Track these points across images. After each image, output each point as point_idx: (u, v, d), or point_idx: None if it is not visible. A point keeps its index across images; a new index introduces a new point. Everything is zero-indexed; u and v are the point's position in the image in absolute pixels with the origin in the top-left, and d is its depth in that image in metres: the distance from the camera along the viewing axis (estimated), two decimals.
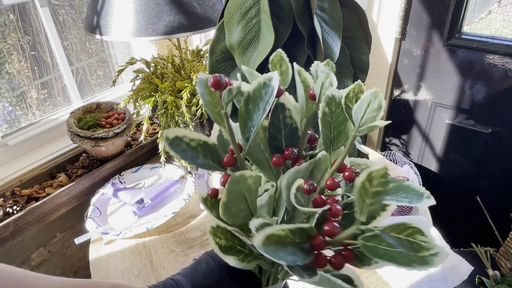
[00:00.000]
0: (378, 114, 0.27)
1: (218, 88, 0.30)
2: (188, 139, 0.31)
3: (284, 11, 0.47)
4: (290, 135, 0.34)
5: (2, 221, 0.93)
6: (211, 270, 0.40)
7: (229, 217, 0.31)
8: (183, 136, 0.31)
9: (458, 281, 0.78)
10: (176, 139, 0.30)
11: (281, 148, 0.34)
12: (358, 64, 0.55)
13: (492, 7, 1.63)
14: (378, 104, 0.27)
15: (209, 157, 0.32)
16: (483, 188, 1.46)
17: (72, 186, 1.05)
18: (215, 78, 0.29)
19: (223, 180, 0.33)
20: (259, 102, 0.31)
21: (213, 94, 0.30)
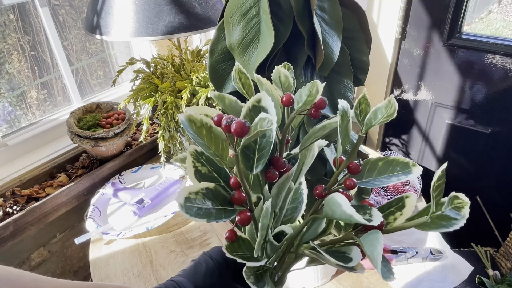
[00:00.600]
0: (392, 117, 0.30)
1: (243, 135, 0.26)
2: (194, 194, 0.29)
3: (284, 11, 0.47)
4: None
5: (2, 221, 0.93)
6: (211, 270, 0.40)
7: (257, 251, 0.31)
8: (189, 194, 0.29)
9: (458, 281, 0.78)
10: (187, 201, 0.29)
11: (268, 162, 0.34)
12: (358, 64, 0.55)
13: (492, 7, 1.63)
14: (394, 109, 0.30)
15: (216, 202, 0.31)
16: (483, 188, 1.46)
17: (72, 186, 1.05)
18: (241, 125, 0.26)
19: (241, 218, 0.31)
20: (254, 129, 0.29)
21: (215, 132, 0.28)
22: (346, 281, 0.79)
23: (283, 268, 0.38)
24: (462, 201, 0.28)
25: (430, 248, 0.82)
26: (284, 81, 0.35)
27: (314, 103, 0.33)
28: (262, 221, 0.30)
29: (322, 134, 0.36)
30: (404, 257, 0.81)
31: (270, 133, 0.29)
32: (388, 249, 0.83)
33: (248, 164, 0.30)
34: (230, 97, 0.34)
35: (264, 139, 0.29)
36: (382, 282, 0.79)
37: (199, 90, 0.94)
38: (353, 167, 0.32)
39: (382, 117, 0.31)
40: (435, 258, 0.80)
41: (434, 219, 0.29)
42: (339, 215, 0.28)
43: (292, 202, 0.37)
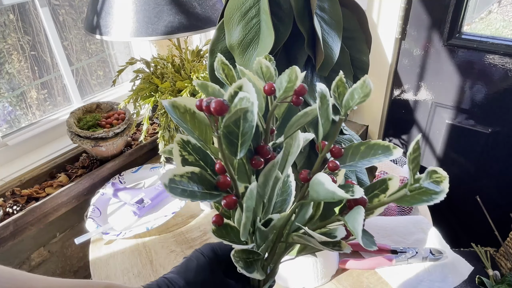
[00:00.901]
0: (368, 97, 0.31)
1: (222, 114, 0.27)
2: (178, 176, 0.30)
3: (284, 11, 0.47)
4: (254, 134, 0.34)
5: (2, 221, 0.93)
6: (203, 266, 0.41)
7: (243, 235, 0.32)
8: (173, 175, 0.30)
9: (458, 281, 0.78)
10: (171, 182, 0.29)
11: (250, 149, 0.34)
12: (358, 64, 0.55)
13: (492, 7, 1.63)
14: (369, 89, 0.30)
15: (201, 185, 0.31)
16: (483, 188, 1.46)
17: (72, 186, 1.05)
18: (220, 103, 0.26)
19: (227, 202, 0.32)
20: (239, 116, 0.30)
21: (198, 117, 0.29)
22: (346, 281, 0.79)
23: (275, 259, 0.38)
24: (440, 175, 0.29)
25: (430, 248, 0.82)
26: (266, 71, 0.36)
27: (294, 89, 0.33)
28: (246, 202, 0.30)
29: (305, 121, 0.37)
30: (404, 257, 0.81)
31: (252, 118, 0.30)
32: (388, 249, 0.83)
33: (232, 149, 0.31)
34: (214, 86, 0.35)
35: (247, 123, 0.30)
36: (382, 282, 0.79)
37: (199, 90, 0.94)
38: (336, 151, 0.34)
39: (359, 98, 0.31)
40: (435, 258, 0.80)
41: (415, 194, 0.30)
42: (323, 194, 0.29)
43: (281, 194, 0.37)
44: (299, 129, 0.35)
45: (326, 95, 0.32)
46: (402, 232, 0.89)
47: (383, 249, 0.83)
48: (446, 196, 0.30)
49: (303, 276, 0.76)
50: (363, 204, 0.32)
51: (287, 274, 0.77)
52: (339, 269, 0.81)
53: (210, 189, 0.32)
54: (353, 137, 0.60)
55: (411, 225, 0.90)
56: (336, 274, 0.81)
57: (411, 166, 0.30)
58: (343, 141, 0.58)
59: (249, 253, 0.35)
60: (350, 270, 0.81)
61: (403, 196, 0.31)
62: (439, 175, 0.29)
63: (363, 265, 0.80)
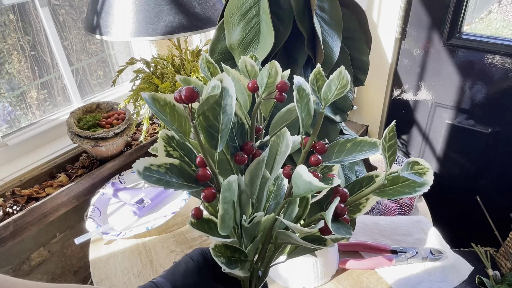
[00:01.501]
0: (346, 89, 0.30)
1: (193, 100, 0.28)
2: (156, 166, 0.30)
3: (284, 11, 0.47)
4: (240, 132, 0.35)
5: (2, 221, 0.93)
6: (191, 270, 0.40)
7: (225, 228, 0.31)
8: (150, 164, 0.30)
9: (458, 281, 0.78)
10: (147, 170, 0.30)
11: (236, 146, 0.35)
12: (358, 64, 0.55)
13: (492, 7, 1.63)
14: (346, 80, 0.30)
15: (181, 178, 0.32)
16: (483, 188, 1.46)
17: (72, 186, 1.05)
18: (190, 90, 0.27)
19: (206, 195, 0.32)
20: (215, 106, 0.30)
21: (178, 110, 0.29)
22: (346, 281, 0.79)
23: (265, 262, 0.38)
24: (423, 167, 0.29)
25: (430, 248, 0.82)
26: (251, 69, 0.36)
27: (276, 86, 0.33)
28: (223, 193, 0.30)
29: (289, 118, 0.37)
30: (404, 257, 0.81)
31: (231, 111, 0.30)
32: (388, 249, 0.83)
33: (212, 143, 0.31)
34: (196, 81, 0.35)
35: (226, 117, 0.30)
36: (382, 282, 0.79)
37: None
38: (319, 147, 0.34)
39: (336, 89, 0.31)
40: (435, 258, 0.80)
41: (398, 187, 0.30)
42: (302, 186, 0.29)
43: (274, 198, 0.37)
44: (285, 126, 0.35)
45: (304, 88, 0.32)
46: (402, 232, 0.89)
47: (383, 249, 0.83)
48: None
49: (303, 276, 0.76)
50: (344, 197, 0.32)
51: (287, 274, 0.77)
52: (339, 269, 0.81)
53: (189, 182, 0.32)
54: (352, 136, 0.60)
55: (411, 225, 0.90)
56: (336, 274, 0.81)
57: (387, 154, 0.30)
58: None
59: (234, 251, 0.35)
60: (350, 270, 0.81)
61: (384, 187, 0.31)
62: (421, 166, 0.29)
63: (363, 265, 0.80)
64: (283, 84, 0.33)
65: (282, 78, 0.34)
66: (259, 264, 0.38)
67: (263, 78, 0.33)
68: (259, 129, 0.38)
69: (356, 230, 0.89)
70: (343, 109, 0.53)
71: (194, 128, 0.30)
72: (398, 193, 0.30)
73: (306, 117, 0.32)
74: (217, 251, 0.33)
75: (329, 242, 0.34)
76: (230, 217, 0.31)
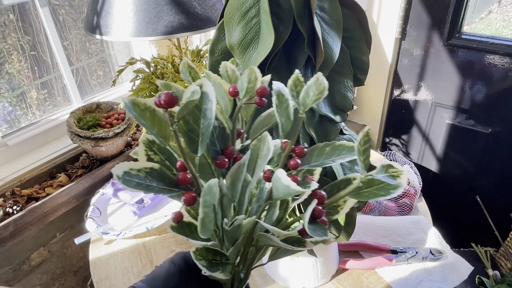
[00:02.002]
0: (323, 94, 0.31)
1: (173, 105, 0.28)
2: (136, 171, 0.30)
3: (284, 11, 0.47)
4: (221, 136, 0.35)
5: (2, 221, 0.93)
6: (172, 274, 0.40)
7: (205, 232, 0.32)
8: (130, 169, 0.30)
9: (458, 281, 0.78)
10: (126, 175, 0.29)
11: (217, 150, 0.35)
12: (358, 64, 0.55)
13: (492, 7, 1.63)
14: (323, 86, 0.31)
15: (161, 182, 0.32)
16: (483, 188, 1.46)
17: (72, 186, 1.05)
18: (169, 95, 0.28)
19: (186, 198, 0.32)
20: (196, 111, 0.31)
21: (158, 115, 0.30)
22: (346, 281, 0.79)
23: (246, 265, 0.39)
24: (397, 170, 0.30)
25: (430, 248, 0.82)
26: (232, 74, 0.37)
27: (256, 91, 0.34)
28: (203, 197, 0.30)
29: (270, 122, 0.37)
30: (404, 257, 0.81)
31: (211, 115, 0.31)
32: (388, 249, 0.83)
33: (193, 147, 0.32)
34: (177, 86, 0.35)
35: (206, 121, 0.31)
36: (382, 282, 0.79)
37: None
38: (299, 151, 0.34)
39: (314, 95, 0.31)
40: (435, 258, 0.80)
41: (373, 190, 0.31)
42: (281, 189, 0.29)
43: (257, 201, 0.38)
44: (266, 130, 0.35)
45: (284, 94, 0.32)
46: (402, 232, 0.89)
47: (383, 249, 0.83)
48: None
49: (303, 276, 0.76)
50: (321, 199, 0.33)
51: (287, 274, 0.77)
52: (339, 269, 0.81)
53: (170, 186, 0.32)
54: (353, 137, 0.60)
55: (411, 225, 0.90)
56: (336, 274, 0.81)
57: (362, 158, 0.31)
58: None
59: (215, 254, 0.35)
60: (350, 270, 0.81)
61: (359, 189, 0.31)
62: (395, 169, 0.30)
63: (363, 265, 0.80)
64: (263, 89, 0.34)
65: (262, 83, 0.34)
66: (241, 267, 0.38)
67: (243, 83, 0.34)
68: (240, 133, 0.38)
69: (356, 230, 0.89)
70: (343, 109, 0.53)
71: (174, 133, 0.30)
72: (373, 195, 0.31)
73: (286, 121, 0.33)
74: (198, 254, 0.33)
75: (308, 244, 0.35)
76: (210, 220, 0.32)
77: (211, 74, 0.35)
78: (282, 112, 0.32)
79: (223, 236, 0.34)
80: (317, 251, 0.70)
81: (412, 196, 0.97)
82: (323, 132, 0.52)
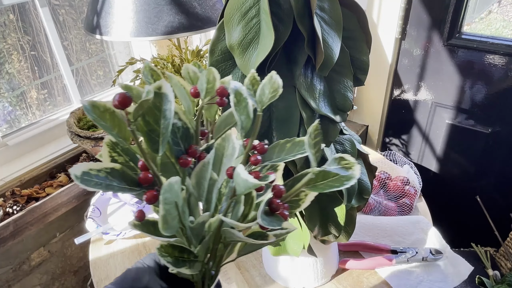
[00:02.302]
0: (278, 92, 0.33)
1: (126, 105, 0.29)
2: (95, 171, 0.31)
3: (284, 11, 0.46)
4: (185, 136, 0.36)
5: (2, 221, 0.93)
6: (141, 274, 0.40)
7: (168, 229, 0.32)
8: (89, 169, 0.30)
9: (458, 281, 0.78)
10: (85, 175, 0.30)
11: (181, 150, 0.36)
12: (358, 64, 0.55)
13: (492, 7, 1.63)
14: (277, 84, 0.33)
15: (123, 181, 0.32)
16: (483, 188, 1.46)
17: (72, 186, 1.05)
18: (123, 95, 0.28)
19: (148, 197, 0.33)
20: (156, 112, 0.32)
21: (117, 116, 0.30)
22: (346, 281, 0.79)
23: (216, 261, 0.39)
24: (349, 162, 0.32)
25: (430, 248, 0.82)
26: (193, 76, 0.38)
27: (216, 91, 0.35)
28: (163, 195, 0.31)
29: (232, 121, 0.38)
30: (404, 257, 0.81)
31: (170, 116, 0.32)
32: (388, 249, 0.83)
33: (154, 147, 0.33)
34: (138, 88, 0.36)
35: (166, 121, 0.32)
36: (382, 282, 0.79)
37: None
38: (260, 148, 0.36)
39: (269, 92, 0.33)
40: (435, 258, 0.80)
41: (328, 182, 0.32)
42: (242, 184, 0.30)
43: (226, 199, 0.39)
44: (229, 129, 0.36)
45: (242, 92, 0.33)
46: (402, 232, 0.89)
47: (383, 249, 0.83)
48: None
49: (303, 276, 0.76)
50: (279, 193, 0.34)
51: (287, 274, 0.77)
52: (339, 269, 0.81)
53: (132, 185, 0.33)
54: (353, 137, 0.60)
55: (411, 225, 0.90)
56: (336, 274, 0.81)
57: (313, 151, 0.33)
58: (344, 141, 0.58)
59: (182, 251, 0.35)
60: (350, 270, 0.81)
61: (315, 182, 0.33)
62: (347, 161, 0.32)
63: (363, 265, 0.80)
64: (222, 89, 0.35)
65: (223, 84, 0.35)
66: (211, 264, 0.39)
67: (203, 84, 0.35)
68: (204, 133, 0.39)
69: (356, 230, 0.89)
70: (343, 109, 0.53)
71: (132, 133, 0.31)
72: (328, 187, 0.32)
73: (246, 120, 0.34)
74: (164, 251, 0.34)
75: (271, 237, 0.36)
76: (173, 217, 0.32)
77: (173, 77, 0.36)
78: (242, 110, 0.34)
79: (190, 234, 0.35)
80: (317, 251, 0.70)
81: (412, 196, 0.97)
82: (323, 132, 0.52)
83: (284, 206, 0.33)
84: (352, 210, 0.63)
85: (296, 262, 0.75)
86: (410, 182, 1.02)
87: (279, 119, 0.52)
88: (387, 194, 1.01)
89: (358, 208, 0.65)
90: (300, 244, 0.62)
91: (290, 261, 0.75)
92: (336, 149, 0.57)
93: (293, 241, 0.63)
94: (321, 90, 0.51)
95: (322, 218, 0.60)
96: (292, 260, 0.75)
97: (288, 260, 0.75)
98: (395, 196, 0.98)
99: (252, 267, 0.83)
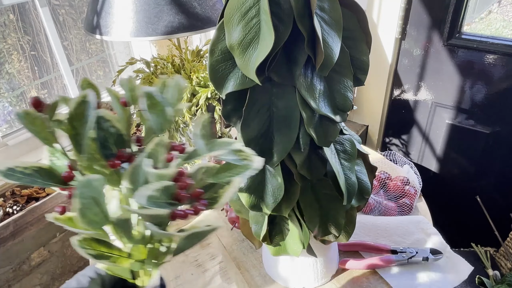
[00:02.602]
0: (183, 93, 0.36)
1: (39, 107, 0.33)
2: (22, 168, 0.35)
3: (284, 11, 0.46)
4: (119, 142, 0.39)
5: (2, 221, 0.93)
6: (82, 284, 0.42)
7: (88, 223, 0.35)
8: (15, 166, 0.34)
9: (458, 281, 0.78)
10: (10, 170, 0.34)
11: (113, 153, 0.39)
12: (358, 64, 0.55)
13: (492, 7, 1.63)
14: (182, 86, 0.37)
15: (48, 179, 0.37)
16: (483, 188, 1.46)
17: None
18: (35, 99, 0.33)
19: (69, 194, 0.37)
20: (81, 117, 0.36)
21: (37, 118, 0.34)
22: (346, 281, 0.79)
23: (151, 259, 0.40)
24: (245, 153, 0.35)
25: (430, 248, 0.82)
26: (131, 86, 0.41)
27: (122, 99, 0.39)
28: (80, 189, 0.33)
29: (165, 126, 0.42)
30: (404, 257, 0.81)
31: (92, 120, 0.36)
32: (388, 249, 0.83)
33: (79, 148, 0.36)
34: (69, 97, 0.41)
35: (87, 124, 0.36)
36: (382, 282, 0.79)
37: (199, 90, 0.94)
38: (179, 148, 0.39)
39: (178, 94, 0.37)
40: (435, 258, 0.80)
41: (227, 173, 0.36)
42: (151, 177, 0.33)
43: None
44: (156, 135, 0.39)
45: (154, 96, 0.37)
46: (402, 232, 0.89)
47: (383, 249, 0.83)
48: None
49: (303, 276, 0.76)
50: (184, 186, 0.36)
51: (287, 274, 0.77)
52: (339, 269, 0.81)
53: (57, 183, 0.37)
54: (353, 137, 0.60)
55: (411, 225, 0.90)
56: (336, 274, 0.81)
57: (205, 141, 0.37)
58: (344, 141, 0.58)
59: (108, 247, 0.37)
60: (350, 270, 0.81)
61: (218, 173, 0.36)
62: (243, 153, 0.35)
63: (363, 265, 0.80)
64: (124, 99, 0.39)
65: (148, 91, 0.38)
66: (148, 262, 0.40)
67: (128, 93, 0.39)
68: (141, 139, 0.42)
69: (356, 230, 0.89)
70: (343, 109, 0.53)
71: (50, 134, 0.35)
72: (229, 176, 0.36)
73: (164, 122, 0.37)
74: (86, 244, 0.36)
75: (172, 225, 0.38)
76: (95, 213, 0.34)
77: (110, 89, 0.41)
78: (159, 113, 0.37)
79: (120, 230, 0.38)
80: (317, 251, 0.70)
81: (412, 196, 0.97)
82: (323, 132, 0.52)
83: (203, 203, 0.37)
84: (352, 210, 0.63)
85: (296, 262, 0.75)
86: (410, 182, 1.02)
87: (279, 119, 0.52)
88: (387, 194, 1.01)
89: (358, 208, 0.65)
90: (300, 244, 0.62)
91: (290, 261, 0.75)
92: (336, 149, 0.57)
93: (293, 241, 0.63)
94: (321, 90, 0.51)
95: (322, 218, 0.60)
96: (292, 260, 0.75)
97: (288, 260, 0.75)
98: (395, 196, 0.98)
99: (252, 267, 0.83)
